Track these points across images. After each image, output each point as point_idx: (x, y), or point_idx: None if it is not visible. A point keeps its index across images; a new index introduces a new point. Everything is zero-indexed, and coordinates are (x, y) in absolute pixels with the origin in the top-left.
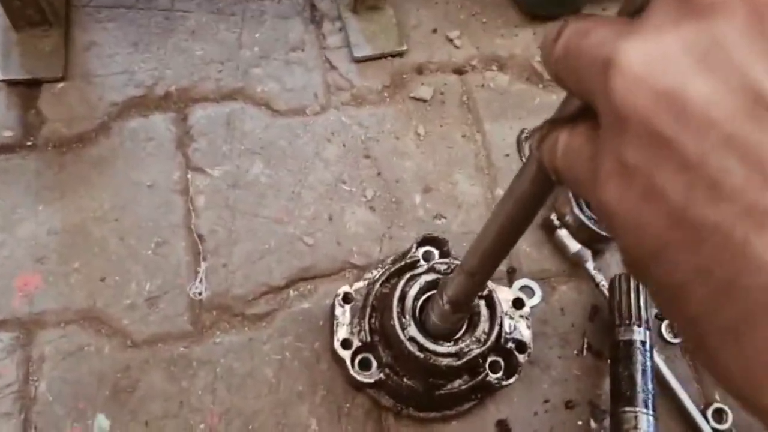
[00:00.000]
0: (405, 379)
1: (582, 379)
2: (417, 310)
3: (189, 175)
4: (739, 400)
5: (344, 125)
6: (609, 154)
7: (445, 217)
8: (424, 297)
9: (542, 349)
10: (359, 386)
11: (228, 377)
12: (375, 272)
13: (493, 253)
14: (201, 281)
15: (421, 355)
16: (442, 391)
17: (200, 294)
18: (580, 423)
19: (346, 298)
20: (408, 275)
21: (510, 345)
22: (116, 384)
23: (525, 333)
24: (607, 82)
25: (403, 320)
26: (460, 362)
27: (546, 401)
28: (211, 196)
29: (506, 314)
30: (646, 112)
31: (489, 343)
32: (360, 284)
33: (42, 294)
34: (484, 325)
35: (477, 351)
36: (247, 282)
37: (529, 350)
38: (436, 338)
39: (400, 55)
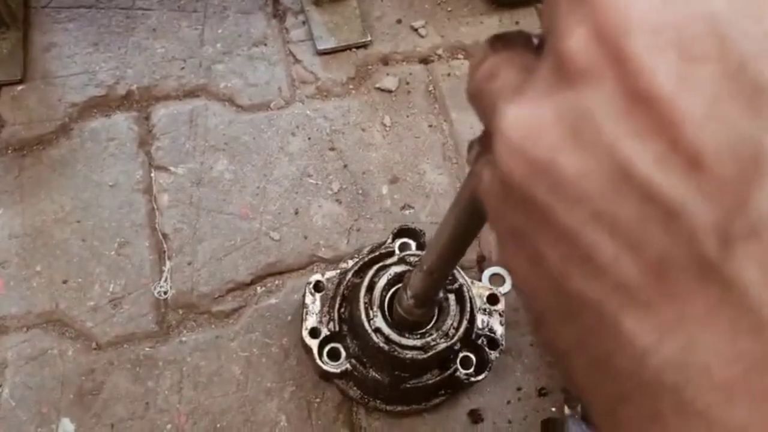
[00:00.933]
0: (371, 371)
1: (554, 365)
2: (385, 302)
3: (152, 174)
4: None
5: (309, 118)
6: (500, 214)
7: (413, 207)
8: (393, 289)
9: (514, 337)
10: (326, 376)
11: (195, 376)
12: (350, 262)
13: (448, 253)
14: (166, 280)
15: (386, 347)
16: (408, 385)
17: (165, 293)
18: (553, 410)
19: (318, 287)
20: (378, 266)
21: (482, 341)
22: (81, 387)
23: (498, 329)
24: (494, 145)
25: (370, 311)
26: (425, 356)
27: (519, 389)
28: (175, 195)
29: (480, 310)
30: (524, 180)
31: (456, 338)
32: (332, 273)
33: (3, 298)
34: (452, 319)
35: (443, 345)
36: (213, 279)
37: (501, 347)
38: (403, 330)
39: (364, 46)
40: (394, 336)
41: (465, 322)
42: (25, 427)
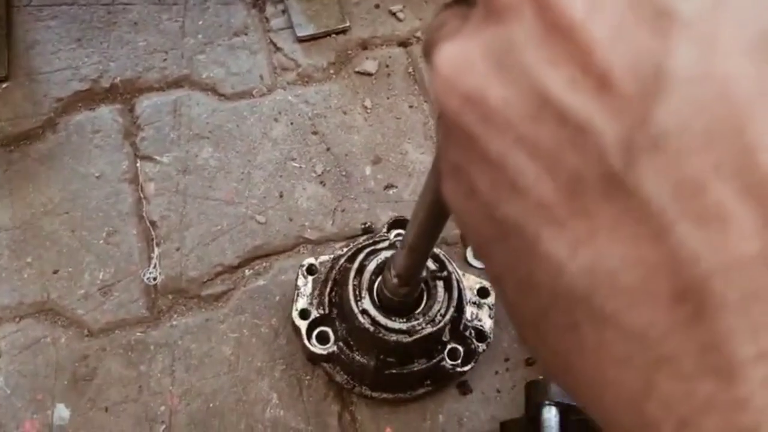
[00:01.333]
0: (357, 355)
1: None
2: (374, 285)
3: (138, 164)
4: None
5: (291, 104)
6: (442, 152)
7: (396, 187)
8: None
9: (500, 309)
10: (314, 359)
11: (186, 358)
12: (345, 249)
13: (427, 228)
14: (155, 267)
15: (372, 329)
16: (393, 371)
17: (155, 279)
18: (540, 378)
19: (310, 270)
20: (369, 249)
21: (470, 333)
22: (74, 373)
23: (487, 322)
24: (431, 84)
25: (359, 293)
26: (410, 339)
27: (506, 359)
28: (161, 183)
29: (470, 302)
30: (457, 112)
31: (442, 324)
32: (325, 258)
33: None
34: (439, 305)
35: (428, 330)
36: (201, 264)
37: (488, 339)
38: (390, 314)
39: (343, 32)
40: (380, 318)
41: (452, 310)
42: (21, 414)
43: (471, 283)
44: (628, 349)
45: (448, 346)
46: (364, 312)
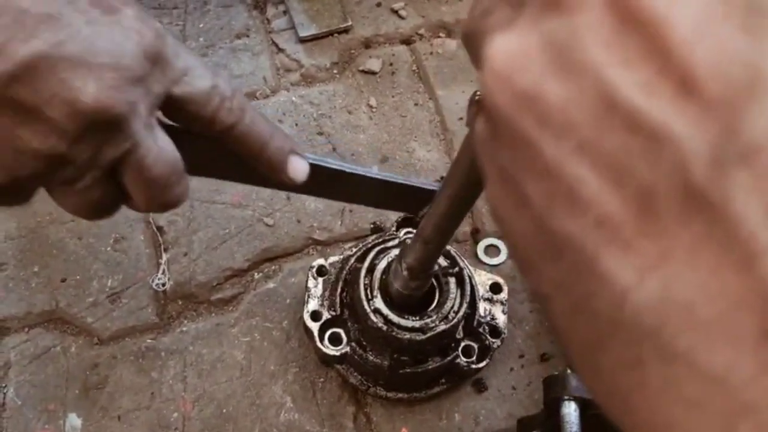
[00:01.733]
0: (371, 355)
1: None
2: (385, 284)
3: None
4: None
5: (295, 105)
6: (489, 156)
7: None
8: None
9: (513, 305)
10: (327, 361)
11: (198, 364)
12: (354, 249)
13: (445, 222)
14: (163, 272)
15: (385, 328)
16: (408, 370)
17: (163, 285)
18: (556, 373)
19: (320, 271)
20: (378, 248)
21: (483, 329)
22: (85, 382)
23: (500, 318)
24: (482, 77)
25: (370, 292)
26: (424, 337)
27: (521, 356)
28: None
29: (482, 298)
30: (510, 112)
31: (455, 320)
32: (335, 258)
33: (3, 300)
34: (452, 302)
35: (442, 328)
36: (210, 268)
37: (503, 335)
38: (402, 312)
39: (345, 31)
40: (393, 317)
41: (465, 306)
42: (33, 425)
43: (483, 279)
44: (704, 392)
45: (462, 344)
46: (376, 311)
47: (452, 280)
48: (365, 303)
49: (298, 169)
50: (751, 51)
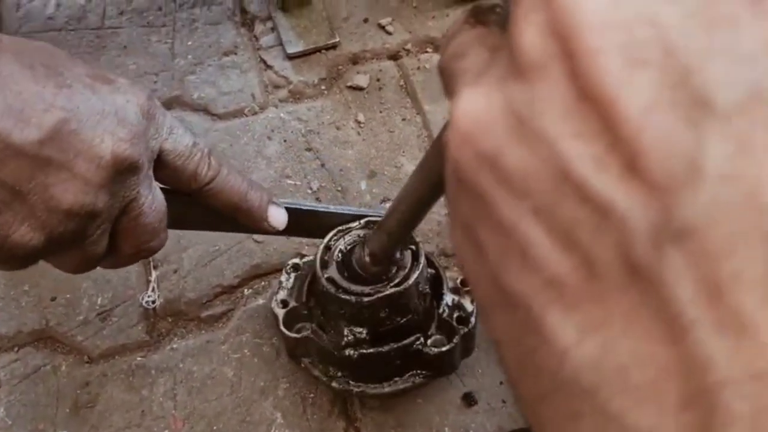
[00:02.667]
0: (329, 336)
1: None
2: (343, 257)
3: None
4: None
5: (284, 121)
6: (453, 201)
7: (392, 200)
8: (352, 247)
9: None
10: (293, 350)
11: (188, 381)
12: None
13: (408, 218)
14: (153, 290)
15: (334, 290)
16: (366, 350)
17: (153, 302)
18: None
19: (295, 268)
20: (339, 228)
21: (450, 317)
22: (76, 401)
23: (468, 307)
24: (448, 135)
25: (324, 263)
26: (372, 298)
27: None
28: None
29: (451, 289)
30: (471, 170)
31: (405, 285)
32: (310, 258)
33: None
34: (405, 271)
35: (391, 291)
36: (200, 285)
37: (470, 324)
38: (357, 282)
39: (333, 47)
40: (343, 283)
41: (417, 273)
42: None
43: (454, 274)
44: None
45: (433, 337)
46: (329, 279)
47: (408, 254)
48: (319, 271)
49: (278, 217)
50: (690, 143)
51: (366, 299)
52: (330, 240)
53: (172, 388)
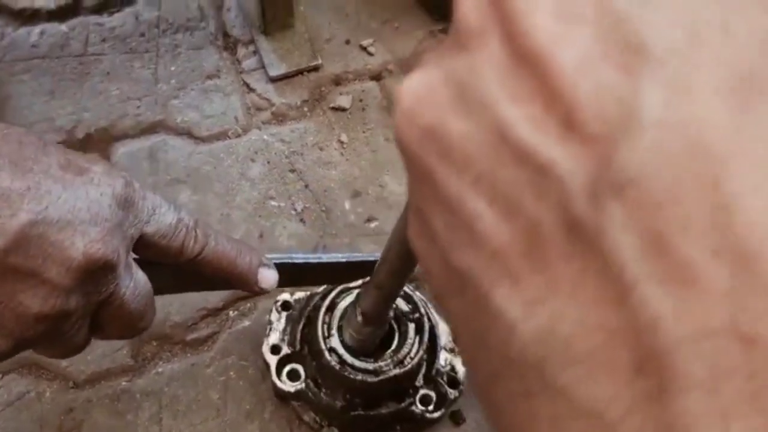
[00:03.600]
0: (325, 394)
1: None
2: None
3: None
4: None
5: (267, 143)
6: (409, 192)
7: (377, 220)
8: None
9: None
10: (282, 396)
11: (173, 405)
12: (320, 288)
13: (396, 270)
14: None
15: (338, 366)
16: (360, 412)
17: None
18: None
19: (285, 306)
20: (341, 287)
21: (443, 378)
22: (60, 427)
23: (460, 369)
24: (394, 118)
25: (327, 330)
26: (376, 380)
27: None
28: None
29: (444, 348)
30: (415, 148)
31: (410, 366)
32: (301, 295)
33: None
34: (409, 348)
35: (396, 372)
36: (185, 308)
37: (461, 387)
38: (359, 354)
39: (315, 69)
40: (347, 357)
41: (421, 353)
42: None
43: (447, 328)
44: (585, 427)
45: (420, 392)
46: (331, 350)
47: (411, 326)
48: (321, 341)
49: (269, 279)
50: (625, 88)
51: (370, 380)
52: (332, 301)
53: (158, 412)
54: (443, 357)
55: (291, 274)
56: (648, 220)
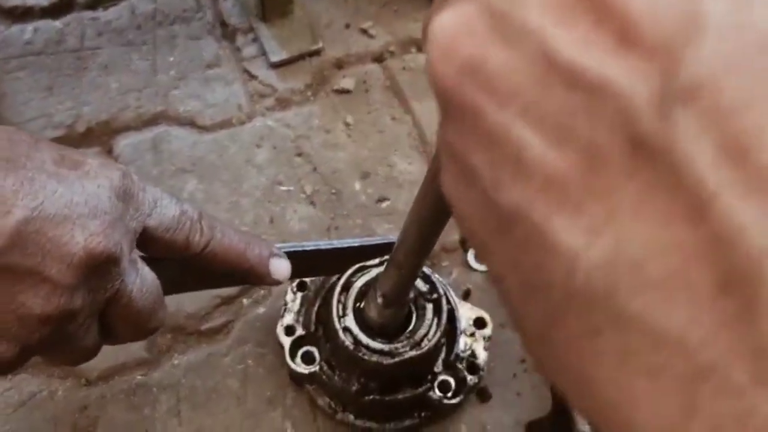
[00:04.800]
0: (339, 377)
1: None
2: (360, 303)
3: None
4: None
5: (272, 129)
6: (441, 137)
7: (388, 199)
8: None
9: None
10: (297, 379)
11: (192, 396)
12: None
13: (416, 245)
14: None
15: (352, 347)
16: (375, 397)
17: None
18: None
19: (301, 286)
20: (357, 266)
21: (462, 364)
22: (75, 425)
23: (480, 354)
24: (427, 58)
25: (342, 310)
26: (391, 361)
27: (522, 361)
28: None
29: (464, 332)
30: (453, 84)
31: (426, 348)
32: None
33: None
34: (426, 330)
35: (411, 354)
36: (198, 298)
37: (481, 372)
38: (373, 334)
39: (317, 53)
40: (362, 337)
41: (438, 335)
42: None
43: (468, 313)
44: (662, 358)
45: (439, 378)
46: (346, 330)
47: (429, 308)
48: (336, 320)
49: (281, 269)
50: (685, 3)
51: (385, 362)
52: (347, 280)
53: (176, 404)
54: (463, 342)
55: (304, 263)
56: (723, 127)
